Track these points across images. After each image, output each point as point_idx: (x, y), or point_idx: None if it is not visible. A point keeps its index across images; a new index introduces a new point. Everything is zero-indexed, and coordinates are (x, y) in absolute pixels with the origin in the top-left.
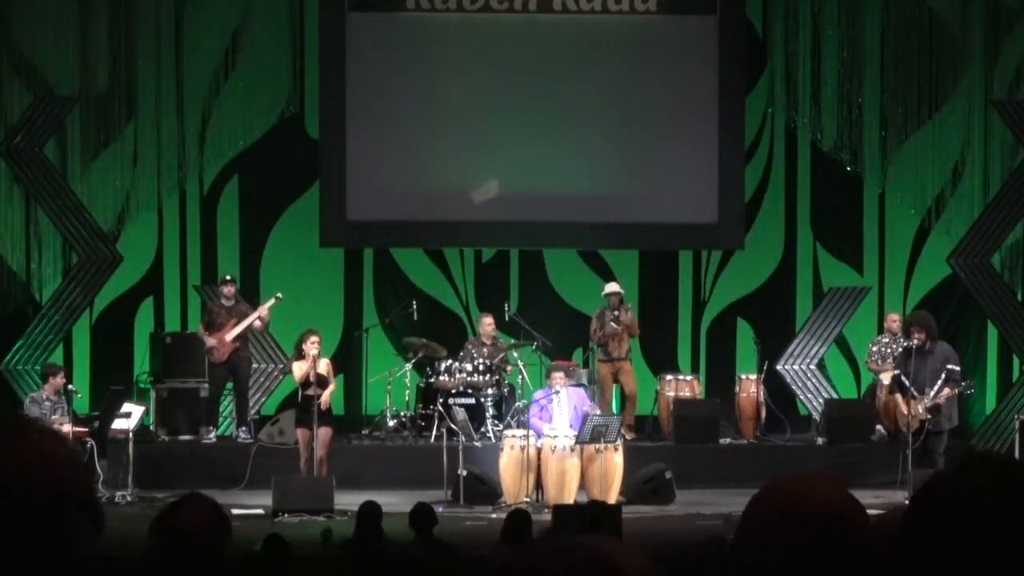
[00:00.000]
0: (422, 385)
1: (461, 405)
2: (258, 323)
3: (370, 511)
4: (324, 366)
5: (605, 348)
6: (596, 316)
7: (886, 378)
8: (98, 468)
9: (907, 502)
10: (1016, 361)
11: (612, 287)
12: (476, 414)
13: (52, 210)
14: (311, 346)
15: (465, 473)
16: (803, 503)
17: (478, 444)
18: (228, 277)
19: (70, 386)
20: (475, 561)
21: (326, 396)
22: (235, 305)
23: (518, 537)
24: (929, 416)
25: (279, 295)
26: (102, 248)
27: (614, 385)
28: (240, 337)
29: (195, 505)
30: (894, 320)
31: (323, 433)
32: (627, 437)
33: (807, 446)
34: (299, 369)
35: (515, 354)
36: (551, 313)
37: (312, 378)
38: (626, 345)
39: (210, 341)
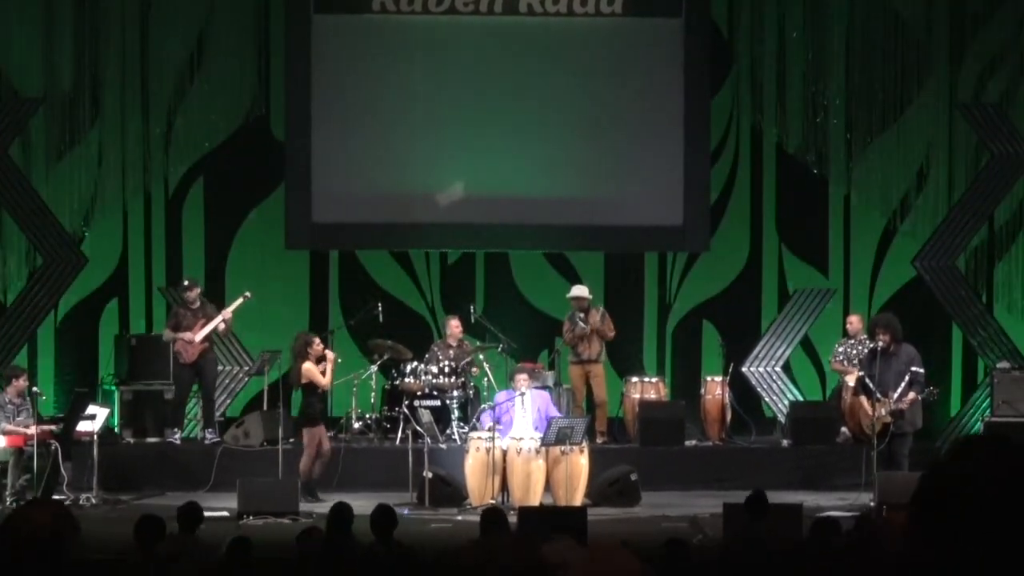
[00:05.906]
0: (387, 387)
1: (426, 407)
2: (222, 325)
3: (341, 513)
4: (331, 361)
5: (575, 350)
6: (568, 317)
7: (851, 380)
8: (63, 470)
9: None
10: (980, 363)
11: (575, 291)
12: (441, 416)
13: (16, 212)
14: (320, 347)
15: (430, 475)
16: None
17: (443, 446)
18: (186, 283)
19: (34, 388)
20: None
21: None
22: (201, 306)
23: (494, 535)
24: (892, 419)
25: (247, 294)
26: (67, 250)
27: (584, 388)
28: (207, 338)
29: (39, 508)
30: (850, 322)
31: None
32: (599, 441)
33: (772, 448)
34: (319, 373)
35: (481, 356)
36: (517, 315)
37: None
38: (596, 347)
39: (187, 336)
